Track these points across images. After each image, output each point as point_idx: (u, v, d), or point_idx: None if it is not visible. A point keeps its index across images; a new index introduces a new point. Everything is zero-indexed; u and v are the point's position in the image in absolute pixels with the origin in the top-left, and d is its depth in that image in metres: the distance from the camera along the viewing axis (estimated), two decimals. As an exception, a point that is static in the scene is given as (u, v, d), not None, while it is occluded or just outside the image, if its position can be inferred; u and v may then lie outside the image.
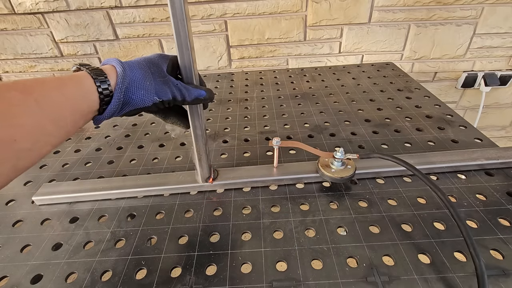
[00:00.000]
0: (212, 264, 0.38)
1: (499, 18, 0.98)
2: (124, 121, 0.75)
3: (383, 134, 0.62)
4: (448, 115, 0.67)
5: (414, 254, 0.37)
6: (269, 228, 0.42)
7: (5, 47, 1.02)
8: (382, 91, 0.81)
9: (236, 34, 1.01)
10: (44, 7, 0.94)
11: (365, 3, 0.96)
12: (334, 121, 0.68)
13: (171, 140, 0.65)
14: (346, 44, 1.04)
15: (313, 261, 0.38)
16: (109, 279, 0.37)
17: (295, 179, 0.50)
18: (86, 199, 0.50)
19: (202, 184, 0.49)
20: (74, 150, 0.64)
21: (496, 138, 1.27)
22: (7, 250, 0.42)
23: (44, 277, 0.38)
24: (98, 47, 1.03)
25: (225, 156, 0.59)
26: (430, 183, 0.38)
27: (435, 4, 0.95)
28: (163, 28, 1.00)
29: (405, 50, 1.05)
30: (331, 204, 0.46)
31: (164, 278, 0.37)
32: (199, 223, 0.44)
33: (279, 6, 0.96)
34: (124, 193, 0.50)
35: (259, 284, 0.35)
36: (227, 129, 0.68)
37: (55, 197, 0.50)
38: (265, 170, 0.51)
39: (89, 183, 0.52)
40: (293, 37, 1.02)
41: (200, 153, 0.45)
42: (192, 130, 0.43)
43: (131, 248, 0.41)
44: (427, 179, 0.39)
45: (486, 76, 1.07)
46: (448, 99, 1.16)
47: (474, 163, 0.50)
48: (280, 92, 0.85)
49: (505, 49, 1.04)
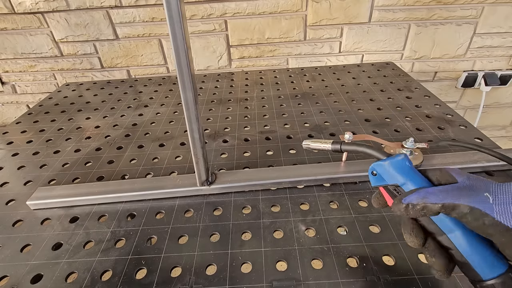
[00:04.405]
0: (212, 264, 0.38)
1: (499, 17, 0.97)
2: (124, 121, 0.75)
3: (383, 133, 0.62)
4: (448, 115, 0.67)
5: (414, 254, 0.37)
6: (269, 228, 0.42)
7: (5, 47, 1.02)
8: (382, 90, 0.81)
9: (236, 33, 1.01)
10: (44, 6, 0.94)
11: (365, 3, 0.96)
12: (334, 121, 0.68)
13: (171, 140, 0.65)
14: (346, 43, 1.04)
15: (313, 260, 0.38)
16: (109, 279, 0.37)
17: (295, 182, 0.49)
18: (82, 203, 0.49)
19: (199, 188, 0.49)
20: (74, 150, 0.64)
21: (496, 138, 1.27)
22: (7, 250, 0.42)
23: (44, 277, 0.38)
24: (98, 47, 1.03)
25: (225, 156, 0.59)
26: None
27: (435, 4, 0.95)
28: (163, 27, 1.00)
29: (405, 49, 1.05)
30: (331, 204, 0.46)
31: (164, 278, 0.37)
32: (199, 223, 0.44)
33: (279, 6, 0.96)
34: (120, 197, 0.49)
35: (259, 284, 0.35)
36: (227, 128, 0.68)
37: (50, 201, 0.49)
38: (263, 172, 0.51)
39: (85, 186, 0.51)
40: (293, 36, 1.02)
41: (197, 157, 0.45)
42: (189, 133, 0.43)
43: (131, 248, 0.41)
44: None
45: (486, 76, 1.07)
46: (448, 99, 1.16)
47: (475, 165, 0.49)
48: (280, 92, 0.85)
49: (505, 48, 1.04)
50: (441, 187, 0.27)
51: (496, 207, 0.23)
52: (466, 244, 0.26)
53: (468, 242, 0.25)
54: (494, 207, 0.23)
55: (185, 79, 0.38)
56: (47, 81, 1.11)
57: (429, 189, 0.27)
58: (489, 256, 0.25)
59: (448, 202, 0.25)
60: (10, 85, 1.12)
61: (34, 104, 1.13)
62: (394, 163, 0.30)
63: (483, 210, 0.23)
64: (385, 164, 0.31)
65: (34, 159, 0.62)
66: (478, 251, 0.25)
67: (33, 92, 1.14)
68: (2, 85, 1.12)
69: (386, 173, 0.31)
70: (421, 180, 0.29)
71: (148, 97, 0.88)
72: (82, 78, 1.10)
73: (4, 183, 0.56)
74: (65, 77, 1.10)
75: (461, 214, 0.24)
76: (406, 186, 0.29)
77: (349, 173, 0.49)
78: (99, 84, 1.01)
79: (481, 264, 0.25)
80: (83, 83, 1.02)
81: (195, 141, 0.43)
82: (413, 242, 0.27)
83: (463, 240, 0.26)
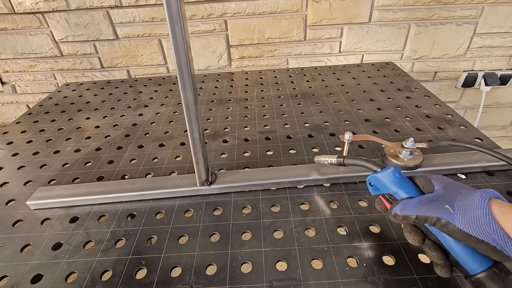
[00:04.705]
0: (212, 264, 0.38)
1: (499, 17, 0.97)
2: (124, 121, 0.75)
3: (383, 133, 0.62)
4: (448, 115, 0.67)
5: (414, 254, 0.37)
6: (269, 227, 0.42)
7: (5, 47, 1.02)
8: (382, 90, 0.81)
9: (236, 33, 1.01)
10: (44, 6, 0.94)
11: (365, 3, 0.96)
12: (334, 121, 0.68)
13: (171, 140, 0.65)
14: (346, 43, 1.04)
15: (313, 260, 0.38)
16: (109, 279, 0.37)
17: (295, 182, 0.49)
18: (82, 203, 0.49)
19: (199, 188, 0.49)
20: (74, 150, 0.64)
21: (496, 138, 1.27)
22: (7, 250, 0.42)
23: (44, 277, 0.38)
24: (98, 47, 1.03)
25: (225, 156, 0.59)
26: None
27: (435, 4, 0.95)
28: (163, 27, 1.00)
29: (405, 49, 1.05)
30: (331, 204, 0.46)
31: (164, 278, 0.37)
32: (199, 223, 0.44)
33: (279, 6, 0.96)
34: (120, 197, 0.49)
35: (259, 284, 0.35)
36: (227, 128, 0.68)
37: (50, 201, 0.49)
38: (263, 172, 0.51)
39: (85, 186, 0.52)
40: (293, 36, 1.02)
41: (197, 157, 0.45)
42: (189, 133, 0.43)
43: (131, 248, 0.41)
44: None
45: (487, 76, 1.07)
46: (448, 99, 1.16)
47: (475, 165, 0.49)
48: (280, 92, 0.85)
49: (505, 48, 1.04)
50: (419, 200, 0.31)
51: (457, 216, 0.27)
52: (452, 244, 0.29)
53: (454, 242, 0.28)
54: (455, 216, 0.27)
55: (185, 79, 0.38)
56: (47, 81, 1.11)
57: (409, 201, 0.31)
58: (475, 253, 0.28)
59: (420, 214, 0.30)
60: (10, 85, 1.12)
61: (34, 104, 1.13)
62: (384, 176, 0.34)
63: (447, 220, 0.28)
64: (377, 176, 0.35)
65: (34, 159, 0.62)
66: (463, 250, 0.28)
67: (33, 92, 1.14)
68: (2, 85, 1.12)
69: (380, 184, 0.35)
70: (409, 188, 0.33)
71: (148, 97, 0.88)
72: (82, 78, 1.10)
73: (4, 183, 0.56)
74: (65, 77, 1.10)
75: (432, 223, 0.29)
76: (397, 194, 0.33)
77: (349, 173, 0.49)
78: (99, 84, 1.01)
79: (468, 261, 0.28)
80: (83, 83, 1.02)
81: (195, 141, 0.43)
82: (413, 239, 0.32)
83: (448, 240, 0.29)
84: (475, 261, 0.28)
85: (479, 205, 0.27)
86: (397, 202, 0.32)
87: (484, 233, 0.26)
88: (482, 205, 0.27)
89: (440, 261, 0.30)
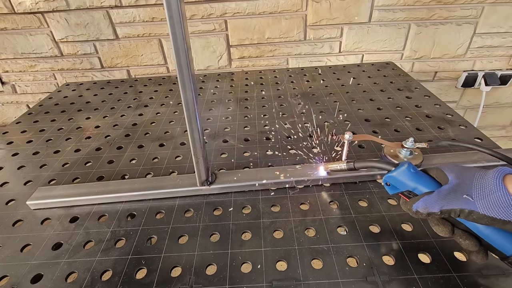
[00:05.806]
0: (212, 264, 0.38)
1: (499, 17, 0.97)
2: (124, 121, 0.75)
3: (383, 133, 0.62)
4: (448, 115, 0.67)
5: (414, 254, 0.37)
6: (269, 227, 0.42)
7: (5, 47, 1.02)
8: (382, 90, 0.81)
9: (236, 33, 1.01)
10: (44, 6, 0.94)
11: (365, 3, 0.96)
12: (334, 121, 0.68)
13: (171, 139, 0.65)
14: (346, 43, 1.04)
15: (313, 260, 0.38)
16: (109, 279, 0.37)
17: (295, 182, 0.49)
18: (82, 203, 0.49)
19: (199, 188, 0.49)
20: (74, 150, 0.64)
21: (496, 138, 1.27)
22: (7, 250, 0.42)
23: (44, 277, 0.38)
24: (98, 47, 1.03)
25: (225, 156, 0.59)
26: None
27: (435, 4, 0.95)
28: (163, 27, 1.00)
29: (405, 49, 1.05)
30: (331, 204, 0.46)
31: (164, 277, 0.37)
32: (199, 222, 0.44)
33: (279, 6, 0.96)
34: (120, 197, 0.49)
35: (259, 284, 0.35)
36: (227, 128, 0.68)
37: (50, 201, 0.49)
38: (263, 172, 0.51)
39: (85, 186, 0.52)
40: (293, 36, 1.02)
41: (197, 157, 0.45)
42: (189, 133, 0.43)
43: (131, 248, 0.41)
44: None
45: (486, 76, 1.06)
46: (448, 99, 1.16)
47: (475, 165, 0.49)
48: (280, 92, 0.84)
49: (505, 48, 1.04)
50: (437, 194, 0.31)
51: (478, 203, 0.28)
52: (481, 229, 0.29)
53: (483, 227, 0.29)
54: (476, 203, 0.28)
55: (185, 79, 0.38)
56: (47, 81, 1.11)
57: (429, 197, 0.32)
58: (507, 234, 0.28)
59: (443, 208, 0.30)
60: (10, 85, 1.12)
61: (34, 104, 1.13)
62: (401, 174, 0.34)
63: (470, 209, 0.28)
64: (393, 175, 0.35)
65: (34, 159, 0.62)
66: (494, 233, 0.29)
67: (33, 92, 1.14)
68: (2, 85, 1.12)
69: (397, 182, 0.35)
70: (427, 181, 0.33)
71: (148, 97, 0.87)
72: (82, 78, 1.10)
73: (4, 183, 0.56)
74: (65, 77, 1.10)
75: (456, 214, 0.29)
76: (417, 190, 0.33)
77: (349, 173, 0.49)
78: (99, 84, 1.01)
79: (501, 243, 0.29)
80: (83, 83, 1.02)
81: (195, 141, 0.43)
82: (442, 231, 0.32)
83: (477, 226, 0.30)
84: (508, 241, 0.28)
85: (495, 187, 0.27)
86: (415, 199, 0.32)
87: (508, 213, 0.26)
88: (499, 186, 0.27)
89: (475, 248, 0.30)
